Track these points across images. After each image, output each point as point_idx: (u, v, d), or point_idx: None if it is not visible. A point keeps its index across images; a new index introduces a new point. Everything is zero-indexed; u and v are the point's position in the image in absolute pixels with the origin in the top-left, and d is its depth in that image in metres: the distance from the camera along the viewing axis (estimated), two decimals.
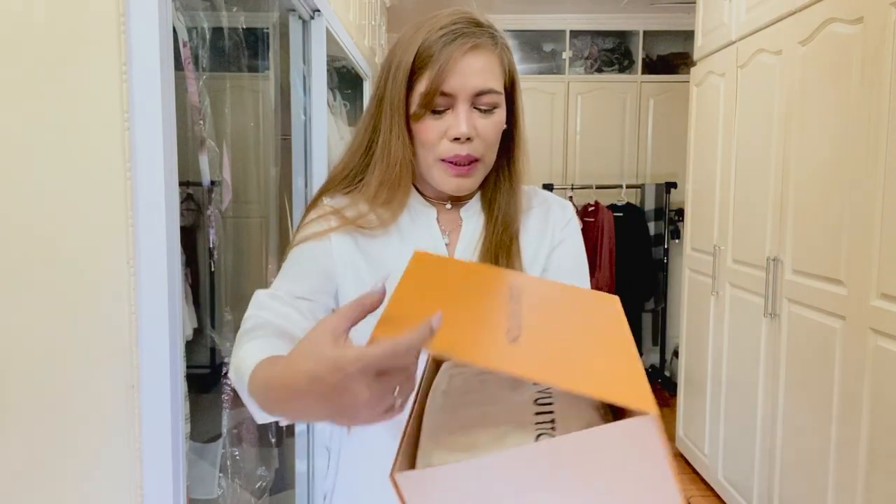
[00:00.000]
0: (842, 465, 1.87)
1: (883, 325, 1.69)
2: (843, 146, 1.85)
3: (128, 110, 0.97)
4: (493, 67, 0.89)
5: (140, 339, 1.00)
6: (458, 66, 0.86)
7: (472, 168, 0.90)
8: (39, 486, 1.00)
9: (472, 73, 0.86)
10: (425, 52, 0.86)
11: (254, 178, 2.15)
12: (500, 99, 0.90)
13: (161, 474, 1.02)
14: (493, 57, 0.89)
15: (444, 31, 0.87)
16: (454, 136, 0.87)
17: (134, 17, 0.96)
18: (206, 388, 1.97)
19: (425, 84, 0.86)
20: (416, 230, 0.95)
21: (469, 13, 0.91)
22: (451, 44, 0.86)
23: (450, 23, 0.88)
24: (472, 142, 0.89)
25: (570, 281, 0.97)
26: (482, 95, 0.88)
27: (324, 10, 2.03)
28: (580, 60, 4.60)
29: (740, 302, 2.54)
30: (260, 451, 2.02)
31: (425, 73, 0.86)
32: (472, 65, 0.86)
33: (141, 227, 0.99)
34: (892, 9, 1.67)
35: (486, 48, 0.88)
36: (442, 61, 0.85)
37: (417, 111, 0.88)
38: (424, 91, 0.86)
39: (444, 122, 0.88)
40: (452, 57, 0.85)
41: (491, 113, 0.89)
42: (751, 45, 2.45)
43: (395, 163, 0.90)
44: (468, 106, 0.88)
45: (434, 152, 0.89)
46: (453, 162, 0.89)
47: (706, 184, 2.87)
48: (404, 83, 0.88)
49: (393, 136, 0.90)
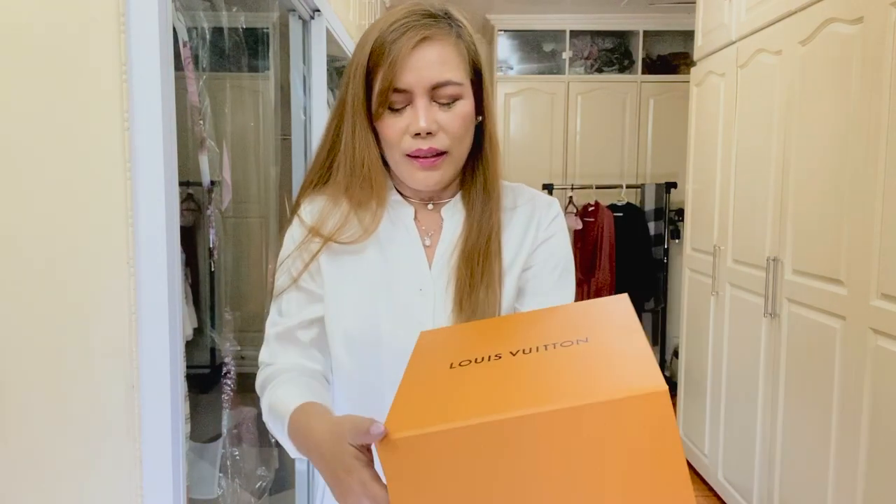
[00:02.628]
0: (842, 465, 1.87)
1: (883, 325, 1.69)
2: (843, 146, 1.85)
3: (128, 110, 0.97)
4: (449, 58, 0.87)
5: (140, 339, 1.00)
6: (410, 61, 0.84)
7: (439, 160, 0.88)
8: (39, 486, 1.00)
9: (424, 66, 0.85)
10: (378, 50, 0.85)
11: (254, 178, 2.15)
12: (462, 90, 0.88)
13: (161, 474, 1.02)
14: (448, 47, 0.87)
15: (394, 25, 0.85)
16: (414, 131, 0.86)
17: (134, 17, 0.96)
18: (206, 388, 1.97)
19: (380, 83, 0.85)
20: (396, 234, 0.94)
21: (422, 5, 0.89)
22: (401, 38, 0.84)
23: (401, 17, 0.86)
24: (435, 136, 0.87)
25: (553, 279, 0.96)
26: (440, 88, 0.86)
27: (324, 10, 2.03)
28: (580, 60, 4.60)
29: (740, 302, 2.54)
30: (260, 451, 2.02)
31: (380, 71, 0.85)
32: (423, 57, 0.85)
33: (141, 227, 0.99)
34: (892, 9, 1.67)
35: (440, 39, 0.86)
36: (393, 57, 0.84)
37: (377, 110, 0.87)
38: (379, 89, 0.85)
39: (404, 118, 0.87)
40: (402, 52, 0.84)
41: (452, 105, 0.87)
42: (751, 45, 2.45)
43: (360, 163, 0.90)
44: (426, 100, 0.86)
45: (399, 149, 0.88)
46: (418, 156, 0.88)
47: (706, 184, 2.87)
48: (362, 83, 0.87)
49: (356, 137, 0.89)
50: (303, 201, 0.95)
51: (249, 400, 2.02)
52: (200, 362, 2.76)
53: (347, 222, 0.91)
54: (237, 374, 1.78)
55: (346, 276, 0.91)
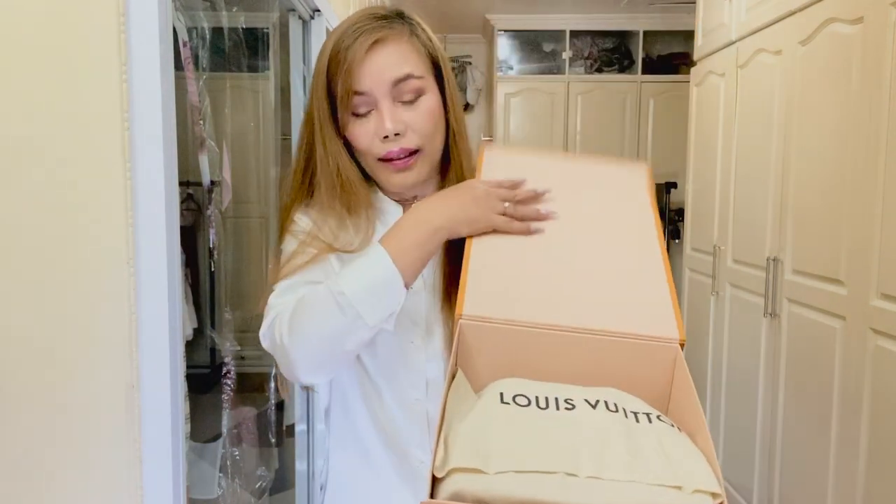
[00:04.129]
0: (842, 465, 1.87)
1: (883, 325, 1.69)
2: (843, 146, 1.85)
3: (128, 110, 0.97)
4: (405, 55, 0.87)
5: (140, 339, 1.00)
6: (365, 65, 0.85)
7: (412, 160, 0.89)
8: (39, 486, 1.00)
9: (381, 67, 0.85)
10: (334, 58, 0.86)
11: (254, 178, 2.15)
12: (424, 83, 0.88)
13: (161, 474, 1.02)
14: (402, 45, 0.88)
15: (347, 31, 0.86)
16: (382, 134, 0.86)
17: (134, 17, 0.96)
18: (206, 388, 1.97)
19: (340, 88, 0.85)
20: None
21: (372, 8, 0.90)
22: (354, 43, 0.85)
23: (353, 23, 0.87)
24: (404, 135, 0.87)
25: None
26: (400, 84, 0.86)
27: (324, 10, 2.03)
28: (580, 60, 4.60)
29: (740, 302, 2.54)
30: (260, 451, 2.02)
31: (338, 79, 0.85)
32: (378, 59, 0.85)
33: (141, 227, 0.99)
34: (892, 9, 1.67)
35: (392, 39, 0.87)
36: (349, 62, 0.84)
37: (342, 117, 0.87)
38: (340, 95, 0.86)
39: (370, 123, 0.87)
40: (356, 56, 0.84)
41: (416, 102, 0.88)
42: (751, 45, 2.45)
43: (337, 174, 0.89)
44: (389, 101, 0.86)
45: (370, 154, 0.89)
46: (390, 158, 0.88)
47: (706, 184, 2.87)
48: (325, 93, 0.87)
49: (327, 149, 0.89)
50: (294, 216, 0.94)
51: (249, 400, 2.02)
52: (200, 362, 2.76)
53: (343, 232, 0.90)
54: (237, 374, 1.79)
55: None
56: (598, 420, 0.62)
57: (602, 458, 0.57)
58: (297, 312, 0.81)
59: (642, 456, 0.58)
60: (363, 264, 0.79)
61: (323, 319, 0.79)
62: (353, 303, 0.77)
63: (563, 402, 0.64)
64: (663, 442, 0.61)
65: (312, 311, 0.80)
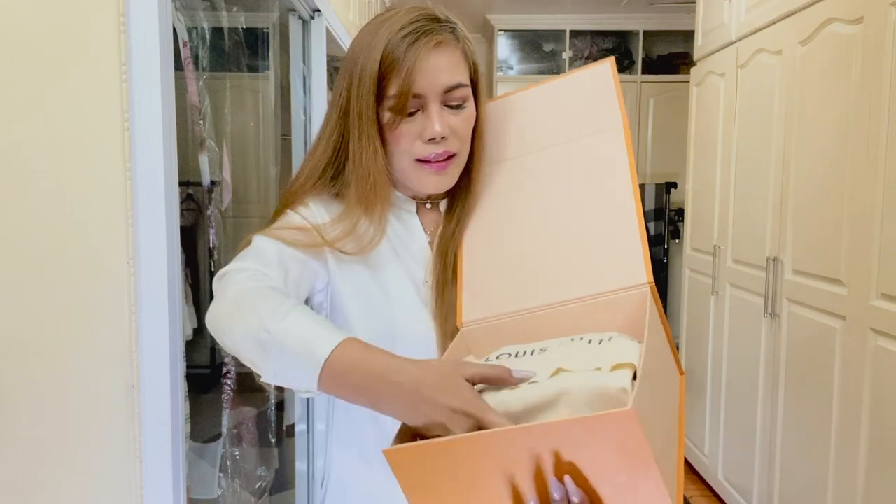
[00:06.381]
0: (842, 465, 1.87)
1: (883, 325, 1.69)
2: (843, 146, 1.85)
3: (128, 110, 0.97)
4: (458, 62, 0.88)
5: (140, 339, 1.00)
6: (426, 66, 0.84)
7: (449, 163, 0.89)
8: (39, 486, 1.00)
9: (439, 71, 0.85)
10: (390, 56, 0.84)
11: (254, 178, 2.15)
12: (469, 92, 0.89)
13: (161, 474, 1.02)
14: (456, 51, 0.88)
15: (405, 31, 0.84)
16: (429, 136, 0.86)
17: (134, 17, 0.96)
18: (206, 388, 1.97)
19: (395, 89, 0.84)
20: (403, 231, 0.95)
21: (427, 9, 0.89)
22: (416, 43, 0.84)
23: (410, 21, 0.85)
24: (448, 139, 0.87)
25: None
26: (452, 91, 0.87)
27: (324, 10, 2.03)
28: (580, 60, 4.60)
29: (740, 302, 2.54)
30: (260, 451, 2.02)
31: (394, 78, 0.84)
32: (438, 63, 0.85)
33: (141, 227, 0.99)
34: (892, 9, 1.67)
35: (450, 43, 0.87)
36: (409, 63, 0.83)
37: (391, 118, 0.86)
38: (396, 95, 0.84)
39: (417, 123, 0.87)
40: (419, 57, 0.84)
41: (462, 108, 0.88)
42: (751, 45, 2.45)
43: (368, 173, 0.88)
44: (439, 105, 0.86)
45: (410, 154, 0.88)
46: (429, 160, 0.88)
47: (706, 184, 2.87)
48: (372, 91, 0.86)
49: (363, 147, 0.87)
50: (308, 200, 0.93)
51: (249, 400, 2.02)
52: (200, 362, 2.75)
53: (358, 231, 0.90)
54: (237, 374, 1.78)
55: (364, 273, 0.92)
56: (562, 344, 0.75)
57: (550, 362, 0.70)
58: (226, 306, 0.77)
59: (580, 355, 0.70)
60: (311, 334, 0.70)
61: (237, 335, 0.75)
62: (267, 348, 0.71)
63: (538, 350, 0.75)
64: (606, 344, 0.71)
65: (235, 319, 0.75)
